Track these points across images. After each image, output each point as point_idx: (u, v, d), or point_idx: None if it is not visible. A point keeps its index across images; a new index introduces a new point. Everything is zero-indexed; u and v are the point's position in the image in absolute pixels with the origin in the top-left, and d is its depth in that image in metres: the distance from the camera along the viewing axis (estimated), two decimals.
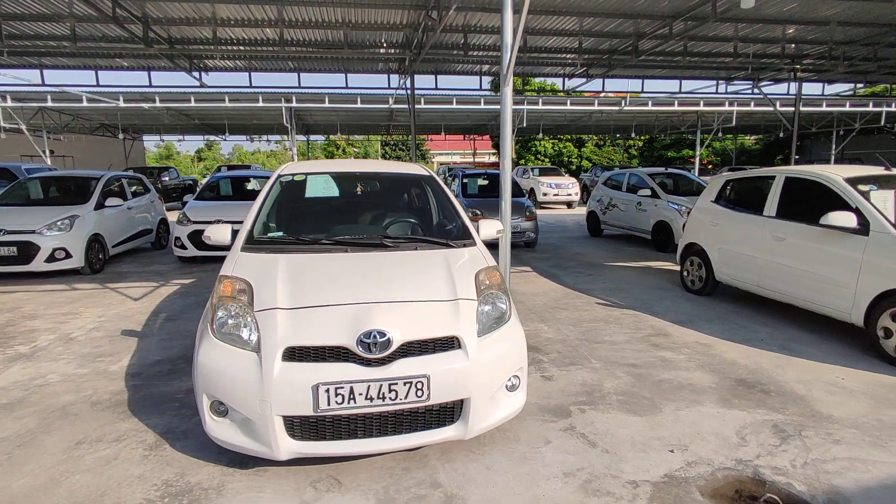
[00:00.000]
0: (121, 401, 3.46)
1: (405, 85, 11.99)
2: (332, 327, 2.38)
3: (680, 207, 9.64)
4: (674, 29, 8.71)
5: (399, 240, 3.18)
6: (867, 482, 2.59)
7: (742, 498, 2.50)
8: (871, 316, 4.29)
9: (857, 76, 12.76)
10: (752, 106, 19.44)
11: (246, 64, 11.05)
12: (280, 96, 16.15)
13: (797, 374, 3.95)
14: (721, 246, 6.04)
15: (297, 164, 3.93)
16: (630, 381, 3.82)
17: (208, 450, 2.83)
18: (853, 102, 19.99)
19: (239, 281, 2.68)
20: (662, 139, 37.53)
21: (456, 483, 2.56)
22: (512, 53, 4.00)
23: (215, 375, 2.40)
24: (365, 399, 2.31)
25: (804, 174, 5.22)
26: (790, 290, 5.07)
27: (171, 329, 5.03)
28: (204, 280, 7.24)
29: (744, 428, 3.14)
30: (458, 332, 2.51)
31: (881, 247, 4.25)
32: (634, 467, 2.72)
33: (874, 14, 8.71)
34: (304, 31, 8.91)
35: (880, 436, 3.05)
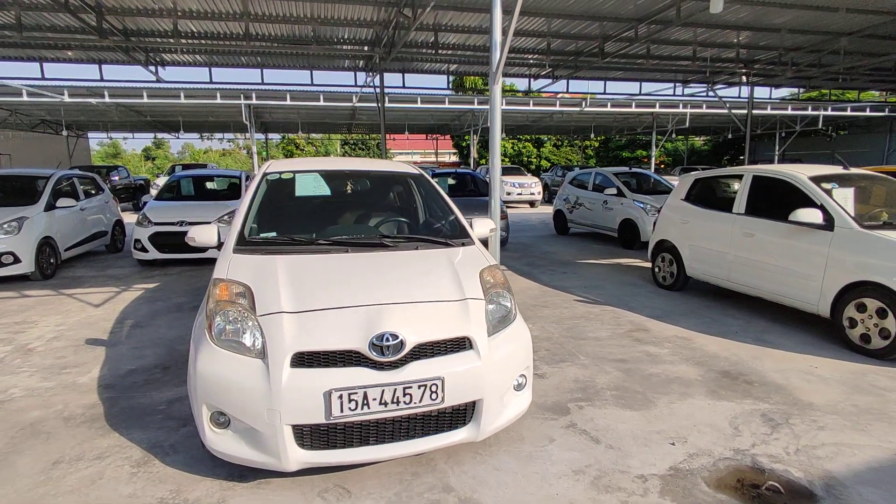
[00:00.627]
0: (96, 415, 3.23)
1: (372, 83, 11.82)
2: (342, 331, 2.29)
3: (645, 206, 9.93)
4: (639, 32, 8.96)
5: (398, 239, 3.11)
6: (856, 466, 2.72)
7: (745, 486, 2.58)
8: (837, 307, 4.53)
9: (802, 81, 13.52)
10: (703, 108, 20.28)
11: (206, 59, 10.60)
12: (239, 93, 15.61)
13: (774, 365, 4.12)
14: (692, 242, 6.25)
15: (282, 162, 3.78)
16: (620, 377, 3.88)
17: (202, 463, 2.68)
18: (794, 106, 21.20)
19: (236, 284, 2.55)
20: (618, 140, 38.68)
21: (468, 486, 2.52)
22: (503, 53, 3.99)
23: (217, 385, 2.27)
24: (379, 404, 2.24)
25: (771, 173, 5.46)
26: (760, 284, 5.30)
27: (140, 337, 4.75)
28: (169, 284, 6.90)
29: (735, 418, 3.24)
30: (469, 332, 2.47)
31: (845, 241, 4.50)
32: (640, 462, 2.76)
33: (820, 23, 9.23)
34: (270, 25, 8.63)
35: (859, 420, 3.22)
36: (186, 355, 4.20)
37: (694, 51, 10.54)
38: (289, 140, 32.94)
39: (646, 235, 9.66)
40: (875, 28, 9.33)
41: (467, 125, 23.28)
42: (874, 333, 4.25)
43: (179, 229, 7.78)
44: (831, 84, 14.42)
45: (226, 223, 7.98)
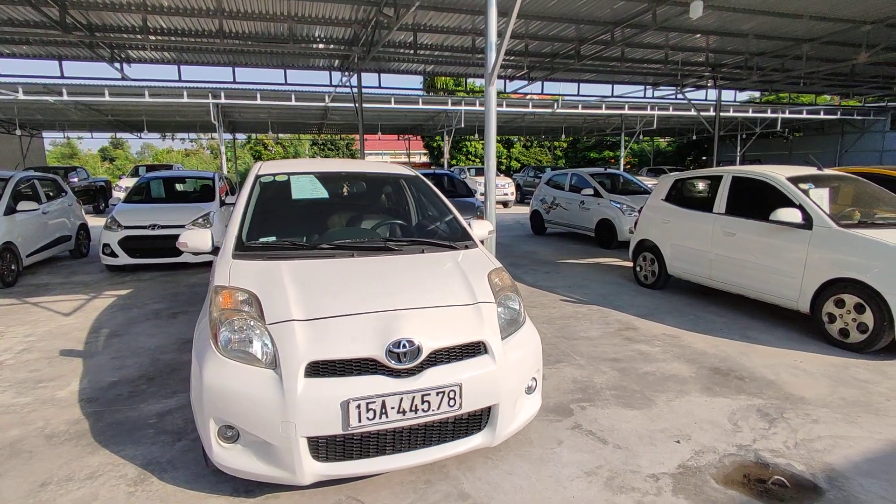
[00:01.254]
0: (82, 431, 3.06)
1: (349, 82, 11.65)
2: (357, 338, 2.22)
3: (621, 206, 10.11)
4: (615, 35, 9.12)
5: (403, 242, 3.04)
6: (853, 457, 2.82)
7: (751, 481, 2.63)
8: (817, 303, 4.70)
9: (766, 85, 14.04)
10: (670, 111, 20.84)
11: (176, 56, 10.23)
12: (207, 92, 15.14)
13: (762, 360, 4.24)
14: (673, 242, 6.38)
15: (274, 164, 3.66)
16: (617, 376, 3.92)
17: (204, 480, 2.56)
18: (755, 109, 22.01)
19: (240, 291, 2.44)
20: (586, 141, 39.36)
21: (484, 492, 2.49)
22: (499, 55, 3.97)
23: (226, 397, 2.16)
24: (397, 413, 2.18)
25: (750, 174, 5.62)
26: (741, 281, 5.45)
27: (119, 346, 4.53)
28: (143, 290, 6.62)
29: (733, 414, 3.31)
30: (483, 336, 2.43)
31: (824, 239, 4.67)
32: (649, 461, 2.78)
33: (785, 29, 9.60)
34: (245, 22, 8.39)
35: (849, 413, 3.33)
36: (171, 365, 4.05)
37: (666, 54, 10.81)
38: (256, 140, 32.16)
39: (623, 235, 9.84)
40: (834, 35, 9.76)
41: (440, 126, 23.25)
42: (852, 328, 4.42)
43: (152, 233, 7.50)
44: (792, 88, 15.05)
45: (200, 226, 7.73)
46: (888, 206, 5.22)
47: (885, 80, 13.70)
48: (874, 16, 8.87)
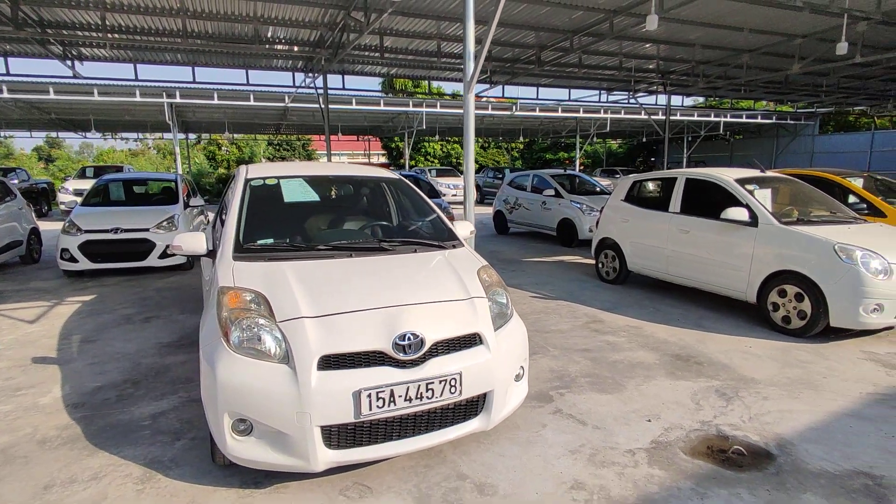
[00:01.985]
0: (75, 435, 3.06)
1: (313, 84, 11.61)
2: (366, 332, 2.38)
3: (581, 206, 10.57)
4: (574, 43, 9.54)
5: (395, 242, 3.21)
6: (798, 427, 3.20)
7: (714, 452, 2.95)
8: (762, 294, 5.17)
9: (711, 91, 14.95)
10: (622, 114, 21.75)
11: (132, 55, 9.92)
12: (161, 91, 14.68)
13: (717, 347, 4.65)
14: (632, 240, 6.80)
15: (260, 168, 3.74)
16: (589, 365, 4.21)
17: (210, 475, 2.65)
18: (700, 113, 23.28)
19: (247, 291, 2.55)
20: (541, 142, 40.35)
21: (480, 472, 2.70)
22: (478, 63, 4.19)
23: (240, 392, 2.27)
24: (404, 400, 2.35)
25: (701, 176, 6.09)
26: (695, 275, 5.89)
27: (95, 352, 4.47)
28: (109, 296, 6.46)
29: (695, 395, 3.66)
30: (479, 328, 2.64)
31: (768, 236, 5.14)
32: (625, 438, 3.06)
33: (728, 40, 10.31)
34: (208, 22, 8.27)
35: (793, 390, 3.74)
36: (154, 369, 4.06)
37: (620, 61, 11.36)
38: (210, 140, 31.19)
39: (583, 234, 10.29)
40: (771, 47, 10.56)
41: (401, 127, 23.34)
42: (793, 315, 4.90)
43: (114, 237, 7.31)
44: (734, 94, 16.08)
45: (165, 229, 7.59)
46: (821, 204, 5.79)
47: (814, 88, 14.86)
48: (805, 30, 9.67)
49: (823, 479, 2.66)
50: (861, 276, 4.49)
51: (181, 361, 4.24)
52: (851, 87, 14.91)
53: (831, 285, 4.61)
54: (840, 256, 4.60)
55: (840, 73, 12.83)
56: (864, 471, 2.74)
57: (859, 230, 5.08)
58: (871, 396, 3.64)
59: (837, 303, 4.59)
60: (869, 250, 4.60)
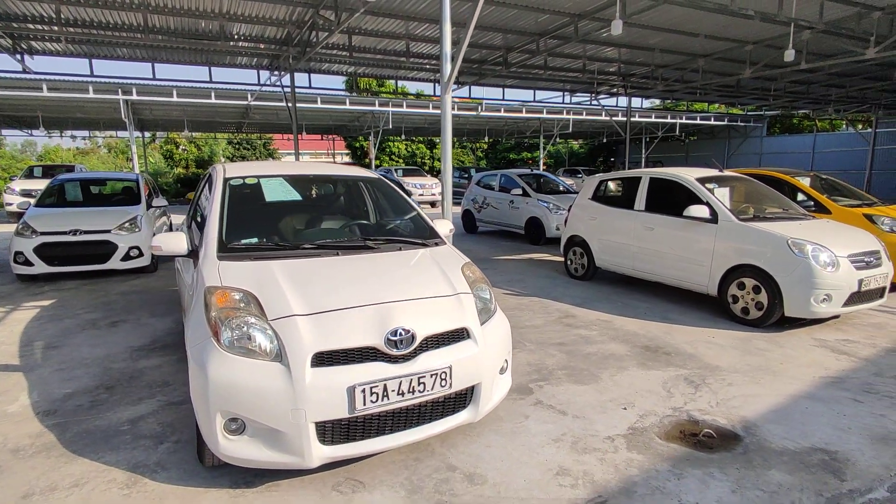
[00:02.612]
0: (49, 443, 2.96)
1: (279, 82, 11.43)
2: (358, 329, 2.42)
3: (549, 204, 10.81)
4: (540, 45, 9.75)
5: (379, 240, 3.25)
6: (761, 410, 3.42)
7: (686, 436, 3.13)
8: (723, 287, 5.45)
9: (668, 93, 15.53)
10: (584, 115, 22.29)
11: (88, 49, 9.51)
12: (117, 87, 14.11)
13: (682, 338, 4.88)
14: (600, 237, 7.03)
15: (237, 167, 3.70)
16: (565, 358, 4.36)
17: (198, 476, 2.63)
18: (657, 115, 24.11)
19: (235, 291, 2.54)
20: (505, 143, 40.86)
21: (468, 463, 2.78)
22: (455, 64, 4.26)
23: (233, 391, 2.27)
24: (397, 395, 2.40)
25: (664, 175, 6.36)
26: (660, 270, 6.15)
27: (61, 358, 4.31)
28: (69, 300, 6.21)
29: (666, 383, 3.85)
30: (466, 323, 2.72)
31: (727, 232, 5.43)
32: (604, 426, 3.20)
33: (684, 45, 10.76)
34: (171, 18, 8.04)
35: (754, 376, 3.99)
36: (127, 373, 3.96)
37: (584, 64, 11.68)
38: (167, 139, 30.11)
39: (550, 232, 10.54)
40: (724, 52, 11.08)
41: (367, 126, 23.20)
42: (752, 306, 5.20)
43: (73, 239, 7.02)
44: (690, 97, 16.76)
45: (128, 230, 7.36)
46: (774, 202, 6.15)
47: (763, 92, 15.66)
48: (755, 37, 10.20)
49: (786, 456, 2.87)
50: (812, 269, 4.81)
51: (155, 365, 4.14)
52: (797, 92, 15.78)
53: (785, 278, 4.91)
54: (793, 251, 4.91)
55: (787, 78, 13.57)
56: (821, 447, 2.96)
57: (809, 226, 5.43)
58: (824, 380, 3.92)
59: (791, 294, 4.90)
60: (818, 244, 4.93)
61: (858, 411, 3.41)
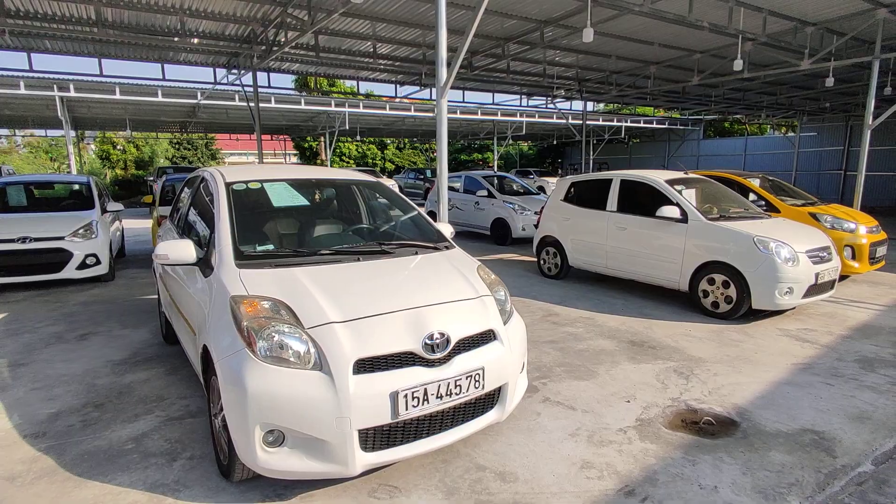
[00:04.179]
0: (48, 468, 2.77)
1: (238, 81, 11.03)
2: (396, 334, 2.42)
3: (514, 205, 11.04)
4: (506, 50, 9.94)
5: (393, 245, 3.24)
6: (749, 397, 3.68)
7: (688, 424, 3.33)
8: (693, 283, 5.79)
9: (619, 98, 16.21)
10: (536, 118, 22.85)
11: (26, 42, 8.80)
12: (52, 83, 13.14)
13: (663, 332, 5.15)
14: (573, 237, 7.27)
15: (238, 171, 3.57)
16: (559, 355, 4.50)
17: (226, 492, 2.55)
18: (604, 118, 25.08)
19: (264, 299, 2.48)
20: (456, 144, 41.19)
21: (496, 462, 2.83)
22: (452, 70, 4.29)
23: (273, 402, 2.22)
24: (436, 398, 2.43)
25: (635, 177, 6.66)
26: (633, 268, 6.44)
27: (33, 377, 4.00)
28: (22, 313, 5.76)
29: (658, 375, 4.06)
30: (492, 325, 2.77)
31: (697, 231, 5.77)
32: (613, 419, 3.35)
33: (639, 53, 11.28)
34: (126, 12, 7.59)
35: (735, 366, 4.27)
36: (115, 389, 3.76)
37: (544, 68, 12.00)
38: (103, 138, 28.21)
39: (517, 232, 10.78)
40: (674, 60, 11.71)
41: (321, 127, 22.75)
42: (721, 300, 5.55)
43: (22, 247, 6.52)
44: (640, 102, 17.58)
45: (83, 237, 6.91)
46: (733, 202, 6.58)
47: (705, 98, 16.65)
48: (703, 47, 10.85)
49: (781, 437, 3.11)
50: (776, 264, 5.20)
51: (143, 379, 3.93)
52: (734, 98, 16.90)
53: (752, 273, 5.28)
54: (759, 247, 5.29)
55: (727, 85, 14.50)
56: (809, 428, 3.23)
57: (769, 224, 5.86)
58: (796, 366, 4.25)
59: (758, 288, 5.27)
60: (780, 241, 5.34)
61: (832, 394, 3.73)
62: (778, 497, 2.54)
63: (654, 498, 2.53)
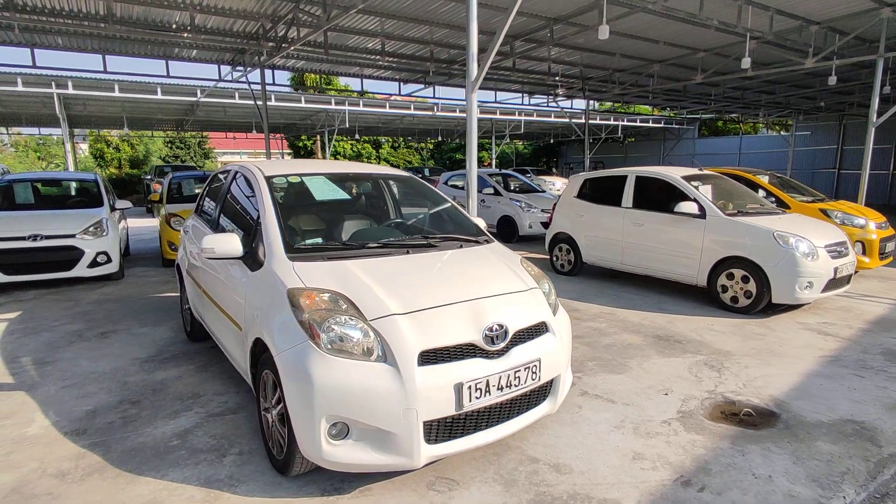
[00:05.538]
0: (97, 464, 2.73)
1: (244, 78, 10.94)
2: (457, 326, 2.41)
3: (521, 203, 11.06)
4: (514, 48, 9.95)
5: (437, 238, 3.23)
6: (783, 388, 3.71)
7: (728, 416, 3.35)
8: (712, 278, 5.83)
9: (620, 96, 16.30)
10: (534, 116, 22.91)
11: (29, 38, 8.65)
12: (50, 80, 12.94)
13: (685, 326, 5.18)
14: (587, 233, 7.29)
15: (274, 165, 3.54)
16: (588, 350, 4.51)
17: (282, 486, 2.52)
18: (602, 117, 25.19)
19: (323, 291, 2.46)
20: (450, 143, 41.18)
21: (548, 454, 2.83)
22: (483, 66, 4.28)
23: (340, 394, 2.20)
24: (497, 390, 2.42)
25: (651, 174, 6.69)
26: (649, 264, 6.47)
27: (62, 375, 3.94)
28: (36, 311, 5.67)
29: (690, 369, 4.08)
30: (545, 317, 2.77)
31: (715, 226, 5.81)
32: (654, 411, 3.36)
33: (644, 51, 11.34)
34: (136, 7, 7.49)
35: (763, 358, 4.31)
36: (149, 386, 3.73)
37: (549, 66, 12.03)
38: (96, 137, 27.85)
39: (524, 230, 10.80)
40: (678, 59, 11.79)
41: (320, 125, 22.64)
42: (741, 295, 5.60)
43: (33, 245, 6.42)
44: (641, 100, 17.69)
45: (93, 234, 6.83)
46: (748, 198, 6.63)
47: (704, 96, 16.78)
48: (707, 45, 10.93)
49: (823, 428, 3.14)
50: (796, 259, 5.25)
51: (175, 376, 3.89)
52: (733, 97, 17.05)
53: (773, 267, 5.33)
54: (778, 242, 5.34)
55: (727, 84, 14.63)
56: (848, 418, 3.27)
57: (786, 220, 5.91)
58: (823, 359, 4.30)
59: (778, 282, 5.32)
60: (799, 236, 5.39)
61: (864, 385, 3.77)
62: (833, 486, 2.56)
63: (712, 487, 2.54)
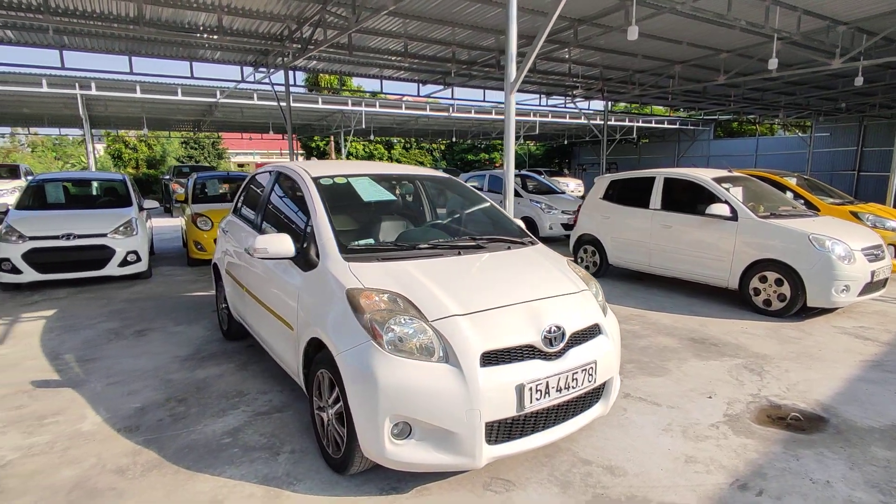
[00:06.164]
0: (153, 461, 2.76)
1: (266, 79, 11.03)
2: (516, 327, 2.42)
3: (541, 204, 11.06)
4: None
5: (484, 240, 3.23)
6: (828, 392, 3.67)
7: (775, 420, 3.32)
8: (744, 281, 5.78)
9: (639, 98, 16.21)
10: (549, 117, 22.85)
11: (59, 40, 8.79)
12: (74, 81, 13.13)
13: (718, 329, 5.14)
14: (613, 235, 7.27)
15: (320, 166, 3.56)
16: (624, 352, 4.48)
17: (340, 485, 2.54)
18: (616, 118, 25.07)
19: (382, 292, 2.47)
20: (461, 143, 41.20)
21: (600, 456, 2.83)
22: (522, 68, 4.29)
23: (404, 394, 2.21)
24: (556, 391, 2.42)
25: (679, 175, 6.65)
26: (678, 266, 6.43)
27: (106, 372, 4.00)
28: (71, 309, 5.75)
29: (730, 372, 4.05)
30: (598, 319, 2.77)
31: (748, 229, 5.76)
32: (700, 414, 3.34)
33: (666, 51, 11.27)
34: (165, 9, 7.58)
35: (802, 362, 4.26)
36: (193, 384, 3.77)
37: (569, 67, 12.00)
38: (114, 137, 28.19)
39: (544, 231, 10.79)
40: (700, 60, 11.69)
41: (335, 126, 22.75)
42: (774, 298, 5.54)
43: (66, 244, 6.52)
44: (660, 101, 17.58)
45: (123, 234, 6.91)
46: (779, 200, 6.57)
47: (724, 98, 16.64)
48: (730, 46, 10.83)
49: (876, 433, 3.10)
50: (832, 262, 5.19)
51: (217, 375, 3.93)
52: (752, 98, 16.88)
53: (808, 271, 5.27)
54: (814, 245, 5.29)
55: (748, 85, 14.49)
56: None
57: (820, 222, 5.85)
58: (865, 363, 4.24)
59: (813, 285, 5.26)
60: (836, 238, 5.33)
61: None
62: (894, 492, 2.53)
63: (770, 492, 2.52)
